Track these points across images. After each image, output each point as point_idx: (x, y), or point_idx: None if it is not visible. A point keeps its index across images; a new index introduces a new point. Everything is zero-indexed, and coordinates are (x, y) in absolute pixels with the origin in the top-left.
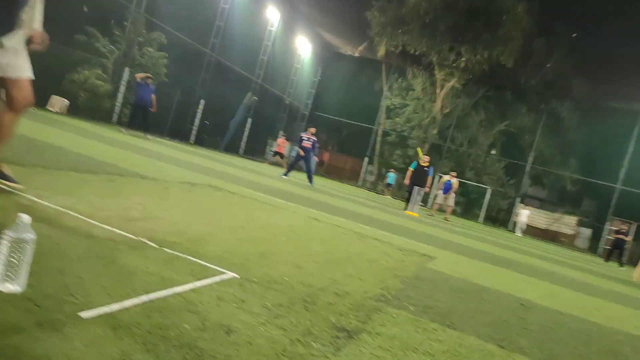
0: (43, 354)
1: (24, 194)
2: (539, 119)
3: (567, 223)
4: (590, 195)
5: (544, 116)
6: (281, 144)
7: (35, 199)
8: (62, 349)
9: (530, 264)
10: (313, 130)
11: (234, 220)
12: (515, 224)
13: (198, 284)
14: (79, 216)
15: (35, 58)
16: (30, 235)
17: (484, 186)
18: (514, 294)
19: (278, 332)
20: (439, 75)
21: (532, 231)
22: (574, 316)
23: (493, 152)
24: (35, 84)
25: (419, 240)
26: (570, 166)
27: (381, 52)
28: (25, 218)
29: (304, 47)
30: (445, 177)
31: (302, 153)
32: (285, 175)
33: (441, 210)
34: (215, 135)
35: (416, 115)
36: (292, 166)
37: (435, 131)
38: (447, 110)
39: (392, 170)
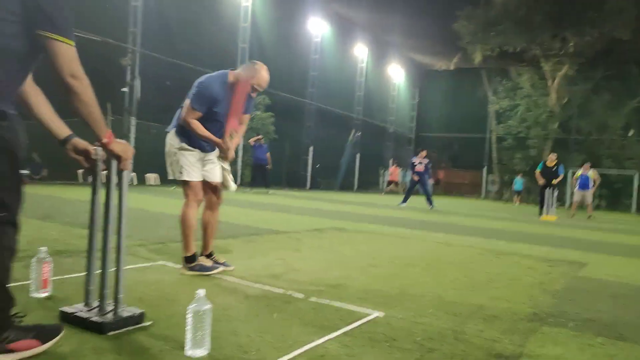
0: None
1: (184, 270)
2: None
3: None
4: None
5: None
6: (393, 172)
7: (195, 271)
8: None
9: None
10: (424, 153)
11: (365, 259)
12: None
13: (348, 328)
14: (235, 280)
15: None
16: (207, 306)
17: (628, 172)
18: None
19: None
20: (546, 66)
21: None
22: None
23: (631, 133)
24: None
25: (564, 246)
26: None
27: (477, 59)
28: (202, 292)
29: (397, 74)
30: (580, 171)
31: (416, 178)
32: (404, 203)
33: (582, 207)
34: (329, 177)
35: (530, 113)
36: (409, 193)
37: (555, 125)
38: (565, 101)
39: (519, 175)
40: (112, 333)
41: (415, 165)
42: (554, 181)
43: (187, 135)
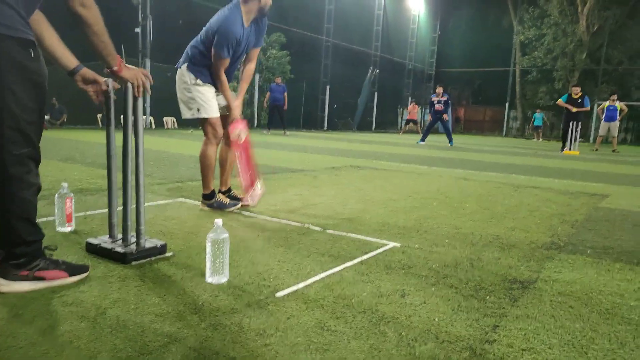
0: (259, 327)
1: (203, 207)
2: None
3: None
4: None
5: None
6: (412, 110)
7: (214, 208)
8: (271, 323)
9: None
10: (440, 89)
11: (382, 194)
12: None
13: (365, 257)
14: (253, 214)
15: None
16: (225, 235)
17: None
18: None
19: (450, 291)
20: None
21: None
22: None
23: None
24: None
25: (586, 179)
26: None
27: None
28: (219, 222)
29: (417, 5)
30: (606, 103)
31: (429, 118)
32: (422, 141)
33: (606, 142)
34: (346, 117)
35: (557, 43)
36: (427, 131)
37: (584, 55)
38: (596, 28)
39: (538, 110)
40: (136, 263)
41: (435, 103)
42: (579, 105)
43: (201, 71)
